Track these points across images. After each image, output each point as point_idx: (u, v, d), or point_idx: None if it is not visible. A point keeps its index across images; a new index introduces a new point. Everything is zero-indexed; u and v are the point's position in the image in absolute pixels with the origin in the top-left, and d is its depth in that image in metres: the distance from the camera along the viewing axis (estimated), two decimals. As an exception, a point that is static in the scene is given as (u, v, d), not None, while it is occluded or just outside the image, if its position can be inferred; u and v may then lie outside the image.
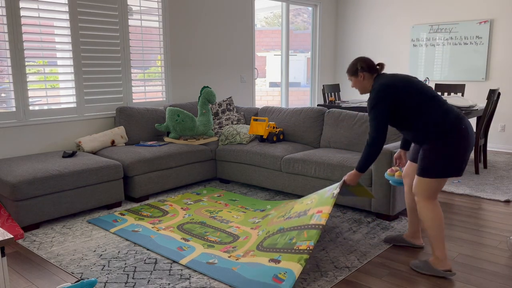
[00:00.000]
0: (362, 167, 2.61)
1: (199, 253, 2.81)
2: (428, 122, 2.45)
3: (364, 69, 2.66)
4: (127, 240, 3.06)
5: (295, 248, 2.50)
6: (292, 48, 7.30)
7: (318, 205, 2.69)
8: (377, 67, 2.68)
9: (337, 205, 3.77)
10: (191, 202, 3.84)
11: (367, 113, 4.11)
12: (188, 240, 3.00)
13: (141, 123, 4.52)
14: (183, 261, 2.69)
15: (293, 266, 2.41)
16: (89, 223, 3.39)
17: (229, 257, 2.75)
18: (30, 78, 3.94)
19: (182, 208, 3.69)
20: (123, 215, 3.54)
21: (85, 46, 4.26)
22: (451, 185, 4.32)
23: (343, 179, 2.70)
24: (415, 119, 2.49)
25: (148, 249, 2.88)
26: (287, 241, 2.60)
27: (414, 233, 2.92)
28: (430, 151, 2.46)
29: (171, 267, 2.65)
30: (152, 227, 3.24)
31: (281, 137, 4.47)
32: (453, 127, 2.41)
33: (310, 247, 2.42)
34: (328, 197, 2.66)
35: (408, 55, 6.81)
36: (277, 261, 2.51)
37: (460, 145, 2.42)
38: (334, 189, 2.70)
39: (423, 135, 2.48)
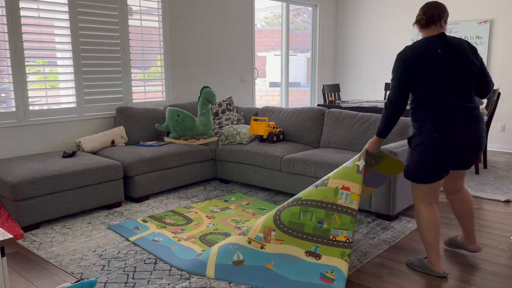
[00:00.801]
0: (382, 131, 2.48)
1: (216, 250, 2.60)
2: (414, 114, 2.42)
3: (418, 18, 2.44)
4: (145, 250, 2.88)
5: (331, 238, 2.35)
6: (292, 48, 7.31)
7: (340, 176, 2.46)
8: (424, 21, 2.40)
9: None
10: (218, 210, 3.64)
11: (367, 113, 4.11)
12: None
13: (141, 123, 4.52)
14: (210, 273, 2.49)
15: (338, 263, 2.30)
16: (110, 229, 3.25)
17: (249, 243, 2.52)
18: (30, 78, 3.94)
19: (207, 216, 3.49)
20: (146, 222, 3.37)
21: (85, 46, 4.26)
22: (451, 185, 4.32)
23: (364, 148, 2.54)
24: (413, 101, 2.45)
25: (167, 263, 2.68)
26: (316, 224, 2.41)
27: (467, 235, 2.74)
28: (411, 149, 2.46)
29: (171, 267, 2.65)
30: (173, 237, 3.05)
31: (281, 137, 4.47)
32: (425, 134, 2.35)
33: (350, 239, 2.30)
34: (351, 170, 2.44)
35: (408, 55, 6.80)
36: (316, 255, 2.37)
37: (421, 155, 2.37)
38: (356, 160, 2.48)
39: (412, 119, 2.47)
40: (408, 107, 4.27)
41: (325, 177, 2.57)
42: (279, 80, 6.89)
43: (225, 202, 3.85)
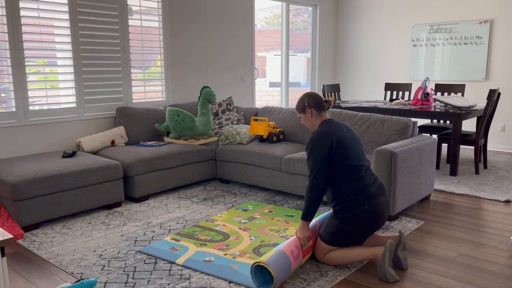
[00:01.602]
0: (308, 214, 2.56)
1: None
2: (339, 193, 2.58)
3: (311, 105, 2.68)
4: (204, 273, 2.58)
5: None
6: (292, 48, 7.31)
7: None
8: (324, 103, 2.70)
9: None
10: (245, 220, 3.42)
11: (367, 113, 4.11)
12: None
13: (141, 123, 4.52)
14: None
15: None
16: (142, 253, 2.87)
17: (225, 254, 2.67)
18: (30, 78, 3.94)
19: (240, 228, 3.27)
20: (178, 240, 3.04)
21: (85, 46, 4.26)
22: (451, 185, 4.32)
23: (296, 235, 2.59)
24: (333, 182, 2.60)
25: (246, 286, 2.43)
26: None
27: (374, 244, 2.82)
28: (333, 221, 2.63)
29: (171, 267, 2.65)
30: (224, 255, 2.80)
31: (281, 137, 4.47)
32: (357, 206, 2.54)
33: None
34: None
35: (408, 55, 6.81)
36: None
37: (357, 224, 2.56)
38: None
39: (333, 201, 2.64)
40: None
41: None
42: (279, 80, 6.89)
43: (246, 212, 3.63)
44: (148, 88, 4.94)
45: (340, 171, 2.55)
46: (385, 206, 2.63)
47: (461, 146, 5.80)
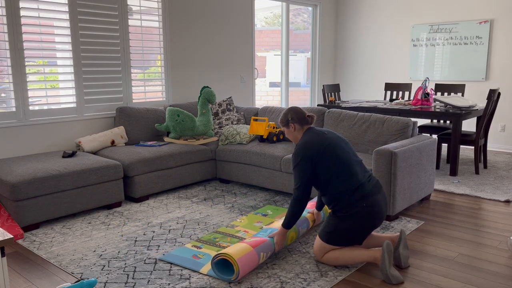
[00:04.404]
0: (289, 223, 2.63)
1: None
2: (334, 194, 2.57)
3: (294, 120, 2.73)
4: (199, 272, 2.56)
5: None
6: (292, 48, 7.31)
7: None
8: (307, 118, 2.74)
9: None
10: (266, 227, 3.14)
11: (367, 113, 4.12)
12: None
13: (141, 123, 4.52)
14: None
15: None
16: (162, 260, 2.75)
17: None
18: (30, 78, 3.94)
19: None
20: (199, 248, 2.92)
21: (85, 46, 4.26)
22: (451, 185, 4.32)
23: (274, 243, 2.66)
24: (327, 185, 2.60)
25: None
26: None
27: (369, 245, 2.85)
28: (332, 220, 2.62)
29: (171, 267, 2.65)
30: None
31: (281, 137, 4.47)
32: (354, 205, 2.54)
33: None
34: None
35: (408, 55, 6.81)
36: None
37: (356, 223, 2.55)
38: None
39: (331, 203, 2.63)
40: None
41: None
42: (279, 80, 6.89)
43: (265, 217, 3.50)
44: (148, 88, 4.94)
45: (331, 173, 2.56)
46: (382, 203, 2.63)
47: (461, 146, 5.80)
